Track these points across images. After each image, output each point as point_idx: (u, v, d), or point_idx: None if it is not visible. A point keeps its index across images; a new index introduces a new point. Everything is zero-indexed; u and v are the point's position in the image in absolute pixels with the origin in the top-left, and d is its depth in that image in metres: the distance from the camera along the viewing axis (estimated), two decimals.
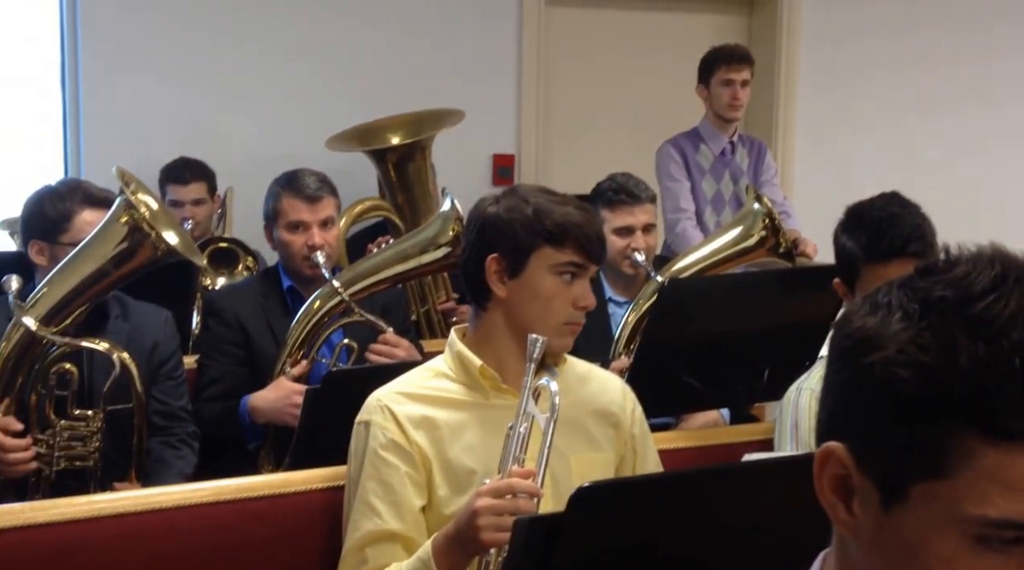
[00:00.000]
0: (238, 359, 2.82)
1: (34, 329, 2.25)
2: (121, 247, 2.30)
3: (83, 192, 2.58)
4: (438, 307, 3.74)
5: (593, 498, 1.38)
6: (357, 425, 1.87)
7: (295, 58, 4.51)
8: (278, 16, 4.49)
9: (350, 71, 4.58)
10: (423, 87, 4.56)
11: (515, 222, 1.86)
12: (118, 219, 2.30)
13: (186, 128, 4.29)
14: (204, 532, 1.87)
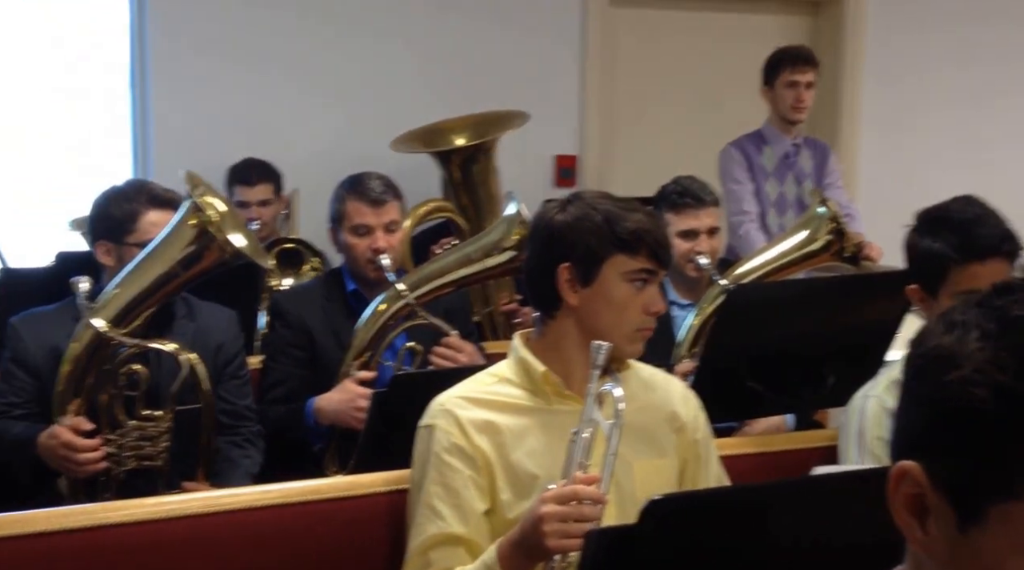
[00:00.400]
0: (302, 362, 2.84)
1: (104, 330, 2.29)
2: (189, 250, 2.32)
3: (148, 193, 2.61)
4: (501, 308, 3.75)
5: (665, 511, 1.38)
6: (420, 429, 1.89)
7: (360, 60, 4.55)
8: (344, 20, 4.53)
9: (414, 72, 4.61)
10: (486, 88, 4.57)
11: (586, 230, 1.86)
12: (186, 222, 2.33)
13: (253, 129, 4.35)
14: (271, 534, 1.90)
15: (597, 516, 1.65)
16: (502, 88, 4.61)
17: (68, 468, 2.30)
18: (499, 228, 2.86)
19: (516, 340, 1.97)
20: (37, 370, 2.50)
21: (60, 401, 2.33)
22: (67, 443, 2.26)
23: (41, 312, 2.60)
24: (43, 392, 2.49)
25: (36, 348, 2.51)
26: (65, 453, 2.27)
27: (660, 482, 1.92)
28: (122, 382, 2.38)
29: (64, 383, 2.33)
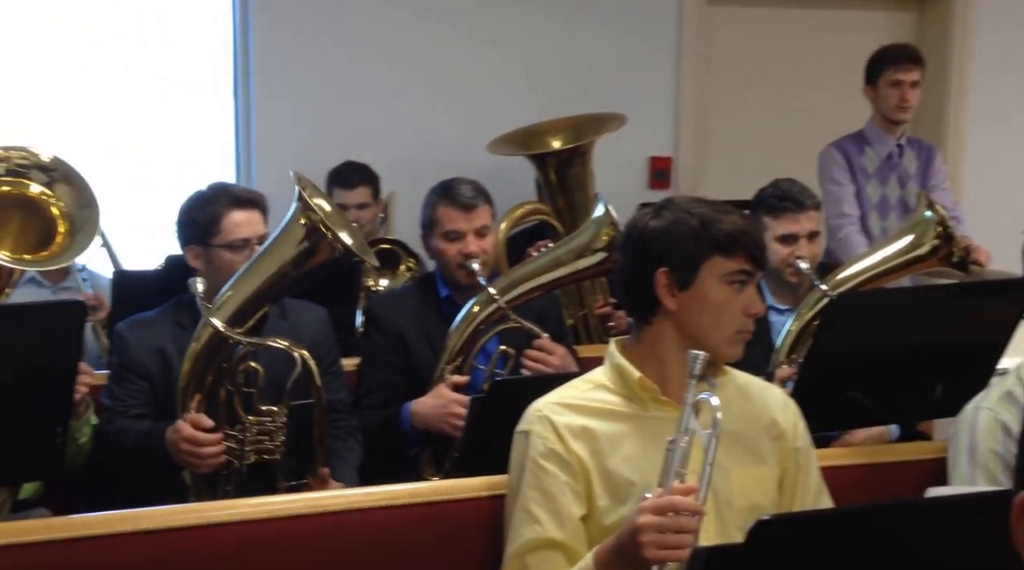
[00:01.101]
0: (396, 368, 2.88)
1: (222, 330, 2.36)
2: (300, 248, 2.37)
3: (229, 194, 2.68)
4: (595, 311, 3.74)
5: (773, 530, 1.36)
6: (517, 434, 1.90)
7: (457, 64, 4.60)
8: (441, 25, 4.58)
9: (510, 75, 4.64)
10: (580, 89, 4.57)
11: (682, 234, 1.86)
12: (297, 221, 2.38)
13: (351, 133, 4.43)
14: (373, 535, 1.93)
15: (695, 527, 1.64)
16: (596, 89, 4.60)
17: (191, 463, 2.38)
18: (588, 230, 2.86)
19: (612, 346, 1.97)
20: (146, 372, 2.59)
21: (183, 397, 2.42)
22: (189, 438, 2.35)
23: (144, 317, 2.69)
24: (154, 393, 2.59)
25: (142, 351, 2.60)
26: (188, 448, 2.35)
27: (759, 491, 1.90)
28: (239, 379, 2.46)
29: (186, 380, 2.41)
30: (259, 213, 2.69)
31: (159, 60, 4.39)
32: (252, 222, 2.65)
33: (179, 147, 4.44)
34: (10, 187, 2.39)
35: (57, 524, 1.83)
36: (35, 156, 2.43)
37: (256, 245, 2.62)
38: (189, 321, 2.60)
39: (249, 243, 2.62)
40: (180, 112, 4.43)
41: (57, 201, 2.43)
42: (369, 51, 4.51)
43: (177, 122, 4.43)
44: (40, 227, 2.42)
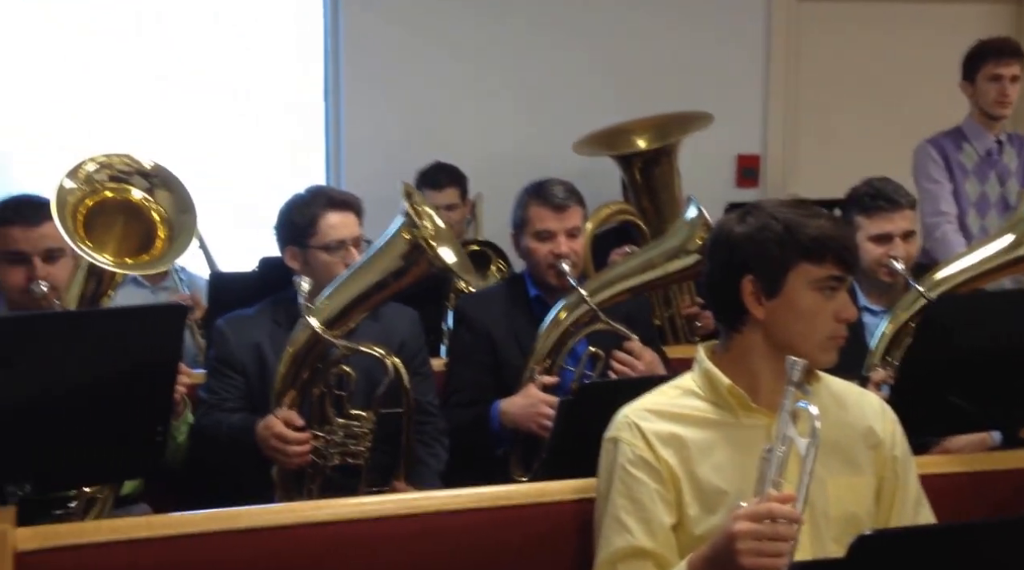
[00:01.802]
0: (484, 367, 2.89)
1: (319, 331, 2.41)
2: (400, 263, 2.43)
3: (326, 196, 2.74)
4: (682, 312, 3.72)
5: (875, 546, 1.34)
6: (606, 441, 1.89)
7: (543, 64, 4.61)
8: (526, 25, 4.60)
9: (596, 74, 4.63)
10: (667, 87, 4.54)
11: (768, 241, 1.82)
12: (400, 235, 2.43)
13: (439, 134, 4.48)
14: (461, 537, 1.95)
15: (793, 536, 1.61)
16: (683, 87, 4.57)
17: (277, 459, 2.44)
18: (681, 232, 2.84)
19: (700, 352, 1.94)
20: (243, 367, 2.66)
21: (278, 394, 2.49)
22: (279, 435, 2.41)
23: (242, 314, 2.76)
24: (249, 388, 2.66)
25: (240, 347, 2.67)
26: (276, 444, 2.42)
27: (855, 501, 1.86)
28: (332, 381, 2.52)
29: (282, 377, 2.49)
30: (354, 215, 2.74)
31: (251, 63, 4.49)
32: (348, 224, 2.71)
33: (271, 150, 4.53)
34: (113, 193, 2.48)
35: (158, 522, 1.88)
36: (137, 162, 2.51)
37: (351, 247, 2.67)
38: (285, 319, 2.67)
39: (344, 244, 2.68)
40: (272, 115, 4.53)
41: (157, 206, 2.51)
42: (457, 52, 4.55)
43: (269, 125, 4.53)
44: (141, 231, 2.51)
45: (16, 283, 2.55)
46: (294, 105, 4.56)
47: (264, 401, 2.58)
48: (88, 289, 2.46)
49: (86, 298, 2.47)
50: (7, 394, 1.92)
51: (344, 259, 2.66)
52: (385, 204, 3.75)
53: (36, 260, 2.54)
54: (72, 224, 2.39)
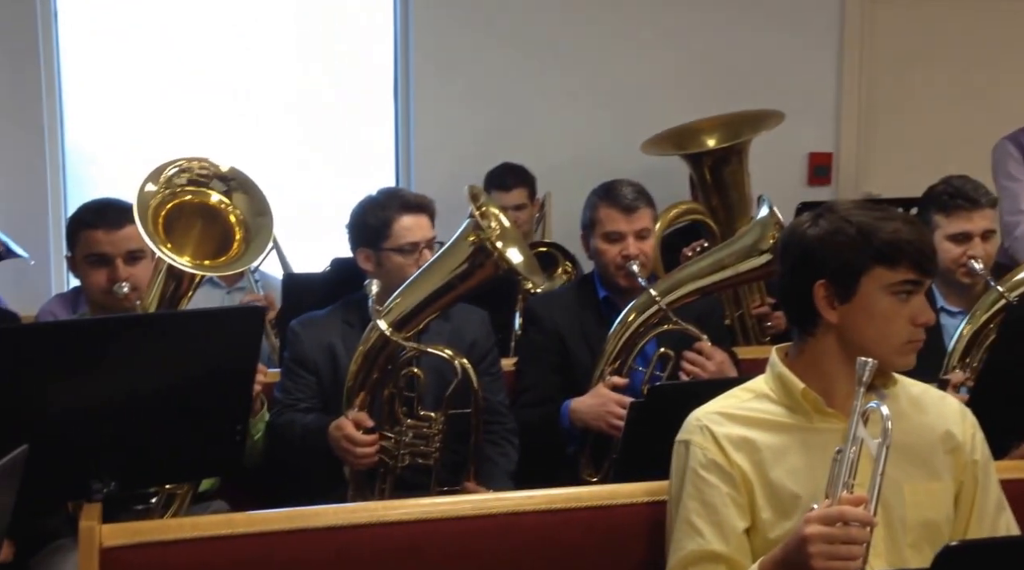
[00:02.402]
0: (554, 367, 2.90)
1: (388, 333, 2.45)
2: (466, 265, 2.47)
3: (400, 199, 2.77)
4: (752, 311, 3.69)
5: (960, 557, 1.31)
6: (677, 444, 1.89)
7: (611, 64, 4.61)
8: (595, 26, 4.59)
9: (664, 73, 4.61)
10: (736, 85, 4.51)
11: (840, 245, 1.79)
12: (467, 237, 2.47)
13: (507, 135, 4.50)
14: (533, 538, 1.96)
15: (866, 539, 1.60)
16: (752, 85, 4.53)
17: (346, 459, 2.49)
18: (753, 231, 2.82)
19: (774, 355, 1.92)
20: (316, 368, 2.71)
21: (349, 395, 2.53)
22: (348, 436, 2.46)
23: (315, 315, 2.80)
24: (322, 387, 2.70)
25: (313, 348, 2.71)
26: (346, 445, 2.46)
27: (933, 506, 1.84)
28: (402, 383, 2.56)
29: (353, 378, 2.53)
30: (427, 217, 2.77)
31: (323, 67, 4.56)
32: (421, 226, 2.74)
33: (342, 153, 4.60)
34: (192, 196, 2.53)
35: (238, 520, 1.92)
36: (215, 166, 2.57)
37: (424, 249, 2.70)
38: (357, 320, 2.71)
39: (418, 247, 2.71)
40: (343, 118, 4.59)
41: (234, 209, 2.55)
42: (526, 53, 4.56)
43: (340, 128, 4.59)
44: (219, 234, 2.56)
45: (99, 284, 2.62)
46: (364, 108, 4.62)
47: (337, 401, 2.62)
48: (168, 290, 2.51)
49: (166, 299, 2.52)
50: (94, 394, 1.98)
51: (417, 261, 2.69)
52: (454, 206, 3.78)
53: (118, 262, 2.61)
54: (153, 227, 2.44)
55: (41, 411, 1.94)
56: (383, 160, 4.64)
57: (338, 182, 4.50)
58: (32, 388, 1.93)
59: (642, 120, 4.24)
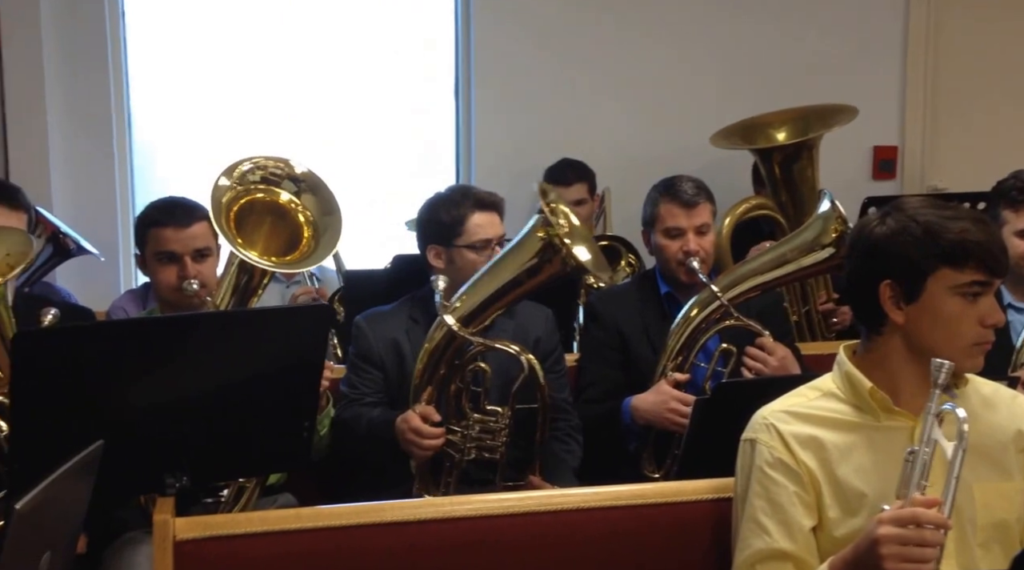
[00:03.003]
0: (616, 363, 2.91)
1: (455, 329, 2.47)
2: (534, 261, 2.47)
3: (473, 197, 2.78)
4: (818, 308, 3.65)
5: None
6: (743, 442, 1.88)
7: (673, 56, 4.58)
8: (657, 18, 4.57)
9: (727, 68, 4.58)
10: (800, 78, 4.46)
11: (906, 244, 1.76)
12: (535, 233, 2.47)
13: (566, 131, 4.49)
14: (598, 534, 1.97)
15: (940, 541, 1.58)
16: (818, 77, 4.47)
17: (412, 452, 2.52)
18: (814, 226, 2.80)
19: (841, 354, 1.90)
20: (381, 363, 2.74)
21: (416, 390, 2.56)
22: (415, 428, 2.49)
23: (381, 311, 2.84)
24: (387, 382, 2.73)
25: (379, 343, 2.75)
26: (412, 438, 2.49)
27: (1004, 507, 1.82)
28: (468, 377, 2.58)
29: (420, 374, 2.56)
30: (498, 215, 2.79)
31: (383, 66, 4.59)
32: (493, 224, 2.76)
33: (402, 150, 4.63)
34: (264, 194, 2.57)
35: (306, 514, 1.95)
36: (290, 167, 2.61)
37: (496, 246, 2.72)
38: (422, 316, 2.74)
39: (490, 244, 2.73)
40: (403, 116, 4.63)
41: (304, 209, 2.59)
42: (586, 49, 4.55)
43: (399, 125, 4.63)
44: (287, 232, 2.60)
45: (168, 281, 2.68)
46: (425, 106, 4.65)
47: (402, 395, 2.65)
48: (239, 285, 2.55)
49: (237, 294, 2.56)
50: (168, 391, 2.03)
51: (489, 258, 2.70)
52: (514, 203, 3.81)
53: (187, 259, 2.66)
54: (225, 221, 2.49)
55: (117, 407, 1.99)
56: (444, 158, 4.67)
57: (399, 181, 4.54)
58: (108, 384, 1.98)
59: (703, 115, 4.22)
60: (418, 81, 4.63)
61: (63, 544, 1.69)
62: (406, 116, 4.63)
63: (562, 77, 4.55)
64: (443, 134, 4.67)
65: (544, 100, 4.54)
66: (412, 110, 4.63)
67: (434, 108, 4.66)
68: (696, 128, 4.12)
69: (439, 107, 4.66)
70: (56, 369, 1.93)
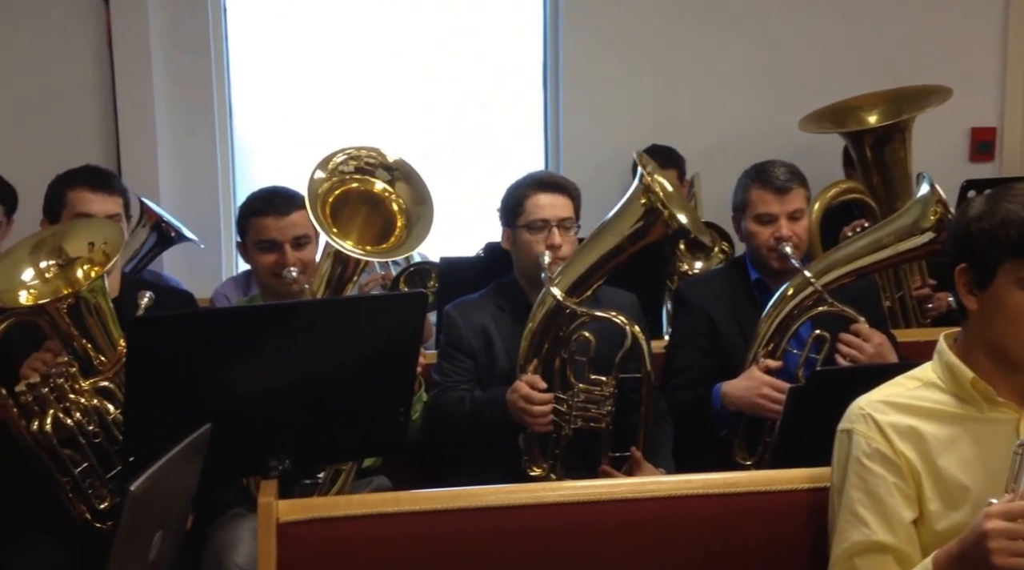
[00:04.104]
0: (705, 350, 2.89)
1: (560, 299, 2.54)
2: (638, 225, 2.55)
3: (534, 179, 2.84)
4: (913, 293, 3.58)
5: None
6: (840, 433, 1.86)
7: (761, 39, 4.52)
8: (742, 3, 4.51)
9: (815, 49, 4.50)
10: (896, 58, 4.37)
11: (982, 230, 1.72)
12: (637, 199, 2.54)
13: (654, 117, 4.46)
14: (692, 522, 1.97)
15: None
16: (913, 56, 4.37)
17: (523, 419, 2.57)
18: (913, 210, 2.75)
19: (941, 343, 1.87)
20: (472, 351, 2.78)
21: (522, 364, 2.63)
22: (525, 396, 2.55)
23: (469, 299, 2.88)
24: (477, 369, 2.78)
25: (469, 331, 2.79)
26: (523, 405, 2.55)
27: None
28: (573, 347, 2.62)
29: (525, 350, 2.62)
30: (564, 197, 2.79)
31: (472, 55, 4.62)
32: (555, 205, 2.76)
33: (491, 139, 4.66)
34: (358, 184, 2.62)
35: (404, 498, 1.99)
36: (383, 156, 2.65)
37: (555, 228, 2.73)
38: (507, 304, 2.79)
39: (548, 224, 2.74)
40: (492, 104, 4.65)
41: (397, 198, 2.63)
42: (674, 33, 4.52)
43: (489, 114, 4.66)
44: (381, 221, 2.63)
45: (268, 268, 2.76)
46: (514, 93, 4.67)
47: (493, 382, 2.71)
48: (335, 274, 2.60)
49: (332, 282, 2.61)
50: (271, 377, 2.09)
51: (547, 240, 2.72)
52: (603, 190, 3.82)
53: (286, 247, 2.74)
54: (322, 212, 2.54)
55: (223, 392, 2.05)
56: (533, 145, 4.69)
57: (489, 169, 4.58)
58: (215, 370, 2.04)
59: (792, 98, 4.15)
60: (507, 70, 4.65)
61: (174, 524, 1.76)
62: (497, 106, 4.65)
63: (649, 64, 4.52)
64: (532, 123, 4.68)
65: (631, 87, 4.52)
66: (502, 100, 4.65)
67: (523, 97, 4.67)
68: (785, 112, 4.06)
69: (528, 94, 4.67)
70: (167, 355, 2.00)
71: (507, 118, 4.68)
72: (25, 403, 2.33)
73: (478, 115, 4.64)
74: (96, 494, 2.40)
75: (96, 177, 2.78)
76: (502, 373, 2.75)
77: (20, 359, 2.40)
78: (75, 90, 4.28)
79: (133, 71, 4.24)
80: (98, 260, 2.42)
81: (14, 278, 2.39)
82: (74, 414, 2.35)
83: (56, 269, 2.41)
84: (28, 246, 2.46)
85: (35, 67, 4.25)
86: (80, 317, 2.36)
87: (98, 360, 2.41)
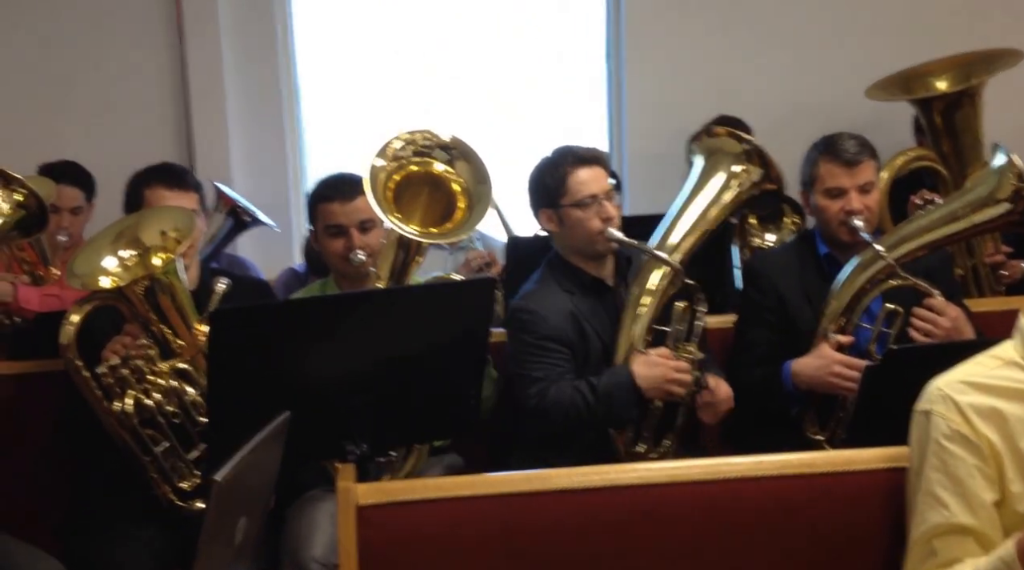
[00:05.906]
0: (775, 326, 2.85)
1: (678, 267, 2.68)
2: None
3: (572, 154, 2.77)
4: (986, 260, 3.51)
5: None
6: (917, 414, 1.83)
7: (826, 6, 4.44)
8: None
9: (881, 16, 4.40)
10: (965, 21, 4.25)
11: None
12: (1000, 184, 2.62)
13: (719, 87, 4.41)
14: (767, 503, 1.95)
15: None
16: (984, 18, 4.24)
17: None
18: (988, 181, 2.69)
19: (1021, 319, 1.82)
20: (567, 339, 2.69)
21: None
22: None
23: (533, 291, 2.78)
24: (574, 355, 2.70)
25: (559, 320, 2.69)
26: (663, 371, 2.60)
27: None
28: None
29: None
30: (600, 168, 2.77)
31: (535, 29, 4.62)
32: (597, 178, 2.74)
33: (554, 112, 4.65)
34: (418, 166, 2.63)
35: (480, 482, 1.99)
36: (436, 137, 2.66)
37: (604, 201, 2.71)
38: (572, 285, 2.75)
39: (597, 199, 2.71)
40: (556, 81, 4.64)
41: (457, 177, 2.64)
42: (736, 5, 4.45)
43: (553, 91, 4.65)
44: (443, 201, 2.65)
45: (337, 253, 2.81)
46: (578, 68, 4.65)
47: (588, 366, 2.67)
48: (399, 258, 2.62)
49: (397, 265, 2.64)
50: (348, 363, 2.13)
51: (599, 213, 2.69)
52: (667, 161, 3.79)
53: (353, 231, 2.78)
54: (384, 199, 2.56)
55: (301, 379, 2.10)
56: (596, 119, 4.66)
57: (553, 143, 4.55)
58: (294, 358, 2.09)
59: (858, 66, 4.06)
60: (570, 46, 4.63)
61: (257, 509, 1.80)
62: (561, 82, 4.64)
63: (713, 34, 4.46)
64: (596, 97, 4.65)
65: (695, 57, 4.46)
66: (566, 75, 4.64)
67: (587, 71, 4.65)
68: (851, 80, 3.97)
69: (591, 70, 4.64)
70: (247, 344, 2.05)
71: (571, 94, 4.65)
72: (107, 384, 2.42)
73: (542, 94, 4.63)
74: (178, 474, 2.48)
75: (171, 175, 2.83)
76: (596, 354, 2.70)
77: (104, 344, 2.48)
78: (150, 80, 4.46)
79: (204, 69, 4.43)
80: (170, 246, 2.49)
81: (96, 264, 2.47)
82: (153, 395, 2.44)
83: (135, 258, 2.48)
84: (111, 235, 2.54)
85: (110, 59, 4.47)
86: (156, 300, 2.44)
87: (176, 344, 2.48)
